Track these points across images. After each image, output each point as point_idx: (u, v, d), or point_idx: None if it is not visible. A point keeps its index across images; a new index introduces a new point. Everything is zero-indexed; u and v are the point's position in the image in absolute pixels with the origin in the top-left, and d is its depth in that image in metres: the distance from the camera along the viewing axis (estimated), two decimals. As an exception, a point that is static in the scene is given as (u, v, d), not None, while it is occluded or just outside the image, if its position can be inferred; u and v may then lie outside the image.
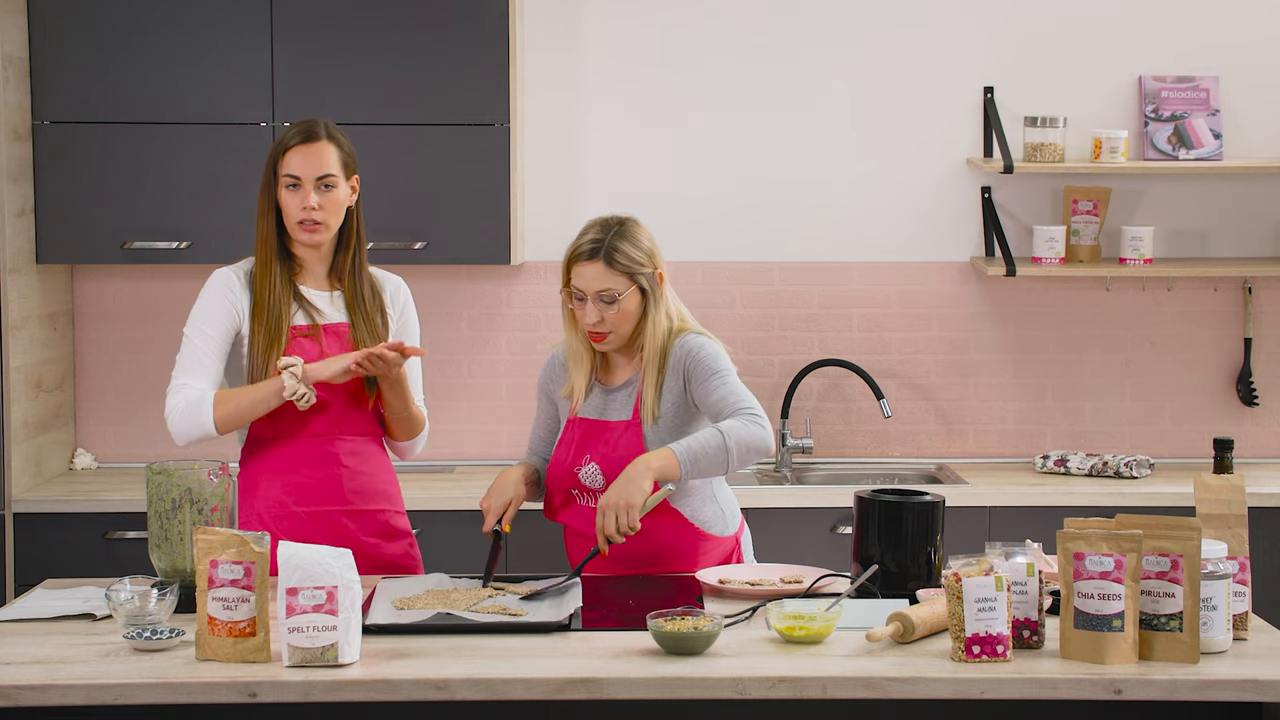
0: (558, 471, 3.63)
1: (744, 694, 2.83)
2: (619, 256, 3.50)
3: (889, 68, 5.15)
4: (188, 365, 3.56)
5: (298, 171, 3.56)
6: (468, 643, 3.04)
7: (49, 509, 4.66)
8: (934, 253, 5.19)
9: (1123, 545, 2.90)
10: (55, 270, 4.98)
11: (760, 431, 3.45)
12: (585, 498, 3.61)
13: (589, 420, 3.60)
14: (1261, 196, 5.17)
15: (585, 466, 3.58)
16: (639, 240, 3.54)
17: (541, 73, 5.12)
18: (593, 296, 3.50)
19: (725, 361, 3.56)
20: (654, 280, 3.55)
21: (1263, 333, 5.19)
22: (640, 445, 3.53)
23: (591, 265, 3.50)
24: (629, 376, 3.62)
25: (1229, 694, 2.85)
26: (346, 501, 3.63)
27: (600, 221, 3.57)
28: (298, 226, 3.58)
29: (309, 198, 3.56)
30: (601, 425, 3.59)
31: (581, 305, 3.53)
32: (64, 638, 3.11)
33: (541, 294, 5.18)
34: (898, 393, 5.19)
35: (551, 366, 3.72)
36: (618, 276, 3.50)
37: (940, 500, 3.40)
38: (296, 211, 3.57)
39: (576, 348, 3.61)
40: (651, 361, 3.55)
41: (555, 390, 3.70)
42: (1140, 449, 5.20)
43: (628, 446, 3.54)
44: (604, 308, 3.50)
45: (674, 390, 3.56)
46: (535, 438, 3.78)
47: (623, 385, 3.62)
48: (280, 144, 3.59)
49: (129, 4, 4.77)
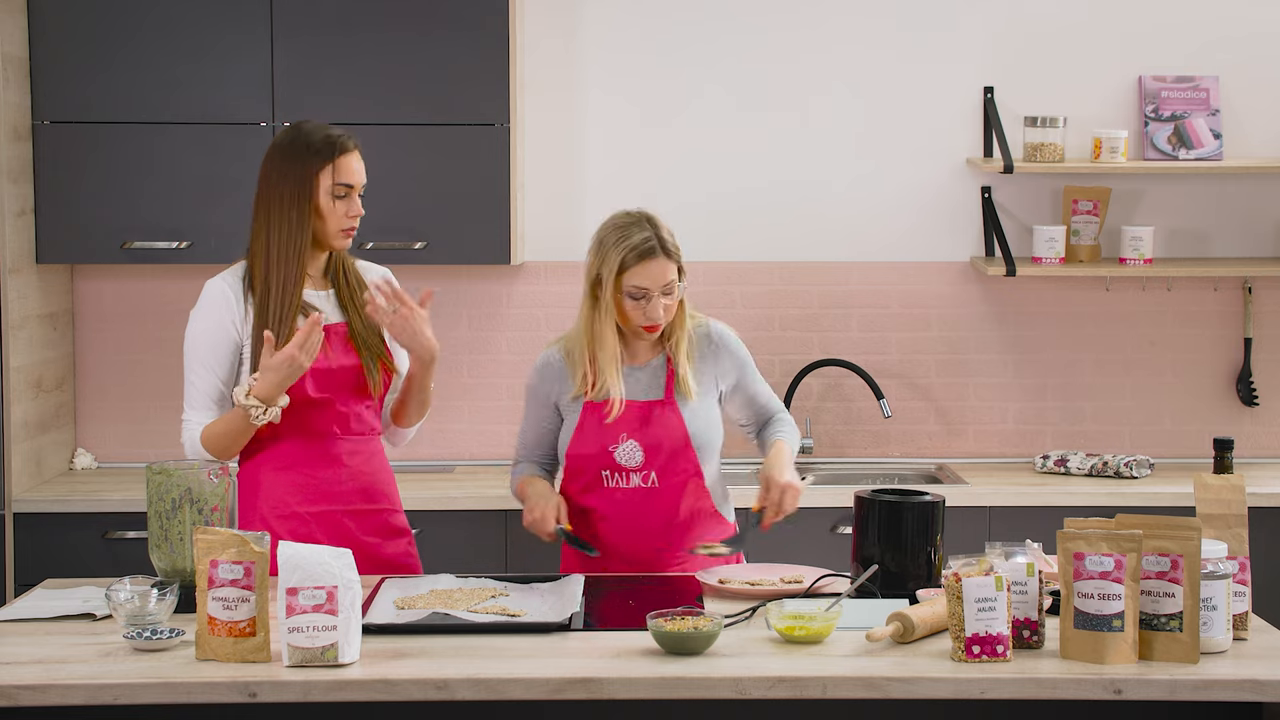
0: (586, 453, 3.65)
1: (744, 694, 2.84)
2: (671, 248, 3.61)
3: (889, 68, 5.15)
4: (191, 399, 3.58)
5: (353, 180, 3.57)
6: (468, 643, 3.04)
7: (49, 509, 4.66)
8: (934, 253, 5.19)
9: (1123, 545, 2.90)
10: (55, 270, 4.98)
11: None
12: (617, 478, 3.64)
13: (621, 400, 3.64)
14: (1261, 196, 5.17)
15: (623, 444, 3.62)
16: (668, 226, 3.65)
17: (541, 73, 5.12)
18: (660, 291, 3.58)
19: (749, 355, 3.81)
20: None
21: (1263, 333, 5.19)
22: (680, 422, 3.62)
23: (655, 262, 3.58)
24: (652, 358, 3.69)
25: (1229, 694, 2.85)
26: (348, 500, 3.63)
27: (632, 219, 3.64)
28: (342, 234, 3.58)
29: (357, 204, 3.58)
30: (635, 405, 3.64)
31: (641, 303, 3.59)
32: (64, 638, 3.11)
33: (541, 294, 5.18)
34: (898, 393, 5.19)
35: (550, 370, 3.73)
36: (674, 266, 3.61)
37: (940, 500, 3.40)
38: (344, 219, 3.57)
39: (610, 349, 3.64)
40: (683, 343, 3.66)
41: (563, 395, 3.71)
42: (1140, 449, 5.20)
43: (668, 424, 3.62)
44: (665, 300, 3.59)
45: (706, 372, 3.69)
46: (529, 442, 3.80)
47: (645, 366, 3.68)
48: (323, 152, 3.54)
49: (129, 4, 4.77)
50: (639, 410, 3.64)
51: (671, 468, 3.64)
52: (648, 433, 3.62)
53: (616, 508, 3.64)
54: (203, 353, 3.56)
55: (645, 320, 3.60)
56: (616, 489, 3.65)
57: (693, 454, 3.64)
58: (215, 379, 3.56)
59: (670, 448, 3.63)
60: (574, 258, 5.18)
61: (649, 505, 3.63)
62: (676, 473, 3.64)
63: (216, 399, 3.57)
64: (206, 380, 3.56)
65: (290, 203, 3.54)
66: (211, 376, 3.56)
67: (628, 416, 3.63)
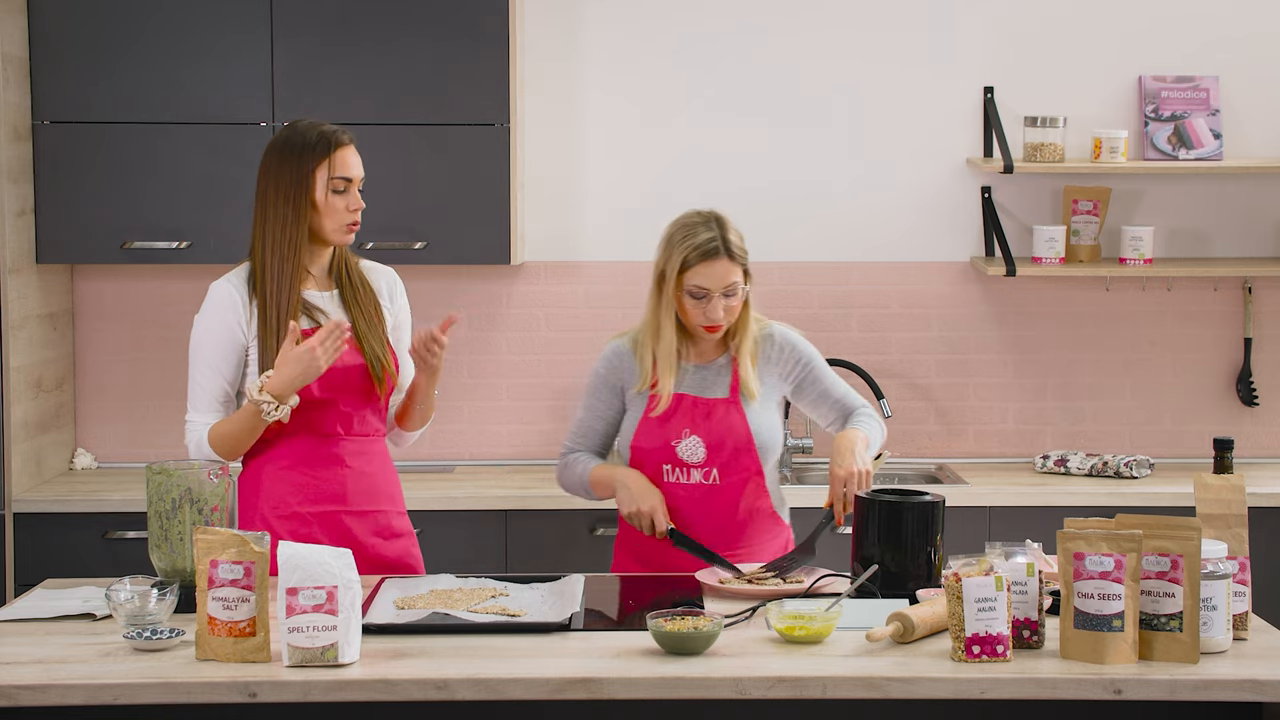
0: (649, 446, 3.67)
1: (744, 694, 2.84)
2: (735, 249, 3.63)
3: (889, 68, 5.15)
4: (195, 400, 3.57)
5: (350, 174, 3.57)
6: (468, 643, 3.04)
7: (49, 509, 4.66)
8: (934, 253, 5.19)
9: (1123, 545, 2.90)
10: (55, 270, 4.98)
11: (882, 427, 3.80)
12: (678, 473, 3.66)
13: (685, 396, 3.67)
14: (1261, 196, 5.18)
15: (686, 440, 3.65)
16: (735, 228, 3.68)
17: (541, 73, 5.12)
18: (720, 292, 3.60)
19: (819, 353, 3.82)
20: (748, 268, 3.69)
21: (1263, 333, 5.19)
22: (744, 422, 3.65)
23: (717, 263, 3.61)
24: (717, 356, 3.72)
25: (1229, 694, 2.85)
26: (349, 501, 3.63)
27: (699, 219, 3.66)
28: (346, 228, 3.58)
29: (357, 198, 3.58)
30: (700, 401, 3.67)
31: (702, 302, 3.61)
32: (64, 638, 3.11)
33: (541, 294, 5.18)
34: (898, 393, 5.19)
35: (619, 359, 3.75)
36: (737, 268, 3.63)
37: (940, 500, 3.41)
38: (345, 214, 3.56)
39: (671, 343, 3.67)
40: (746, 343, 3.69)
41: (629, 384, 3.73)
42: (1140, 449, 5.20)
43: (731, 423, 3.65)
44: (726, 301, 3.62)
45: (768, 375, 3.72)
46: (589, 431, 3.78)
47: (710, 364, 3.71)
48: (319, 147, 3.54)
49: (129, 4, 4.77)
50: (703, 407, 3.67)
51: (733, 465, 3.67)
52: (711, 430, 3.65)
53: (676, 503, 3.65)
54: (208, 354, 3.55)
55: (705, 320, 3.63)
56: (677, 484, 3.67)
57: (755, 453, 3.67)
58: (221, 380, 3.55)
59: (733, 446, 3.66)
60: (574, 258, 5.20)
61: (709, 502, 3.65)
62: (738, 470, 3.67)
63: (222, 400, 3.56)
64: (211, 381, 3.55)
65: (286, 199, 3.54)
66: (216, 378, 3.55)
67: (692, 413, 3.66)
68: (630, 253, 5.16)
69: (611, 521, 4.64)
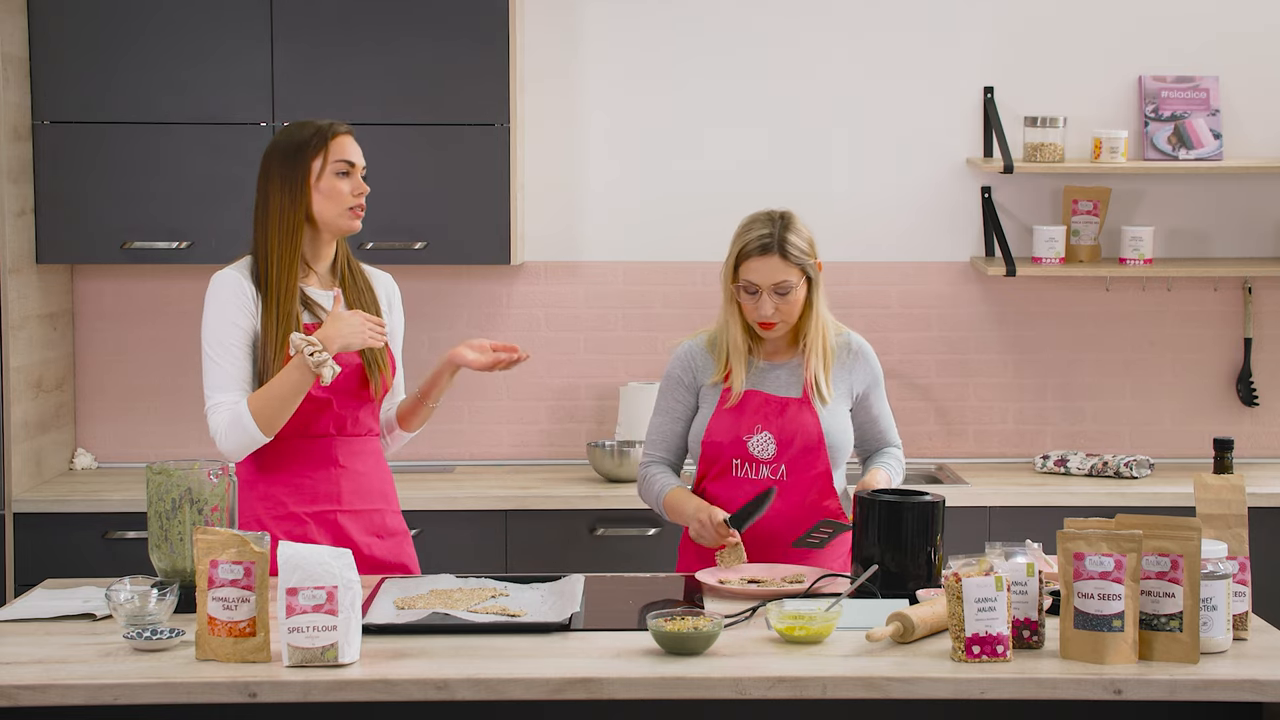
0: (721, 440, 3.69)
1: (744, 694, 2.84)
2: (791, 249, 3.65)
3: (890, 68, 5.16)
4: (218, 382, 3.51)
5: (353, 157, 3.58)
6: (468, 643, 3.04)
7: (49, 509, 4.66)
8: (934, 253, 5.19)
9: (1123, 545, 2.90)
10: (55, 270, 4.98)
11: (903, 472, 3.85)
12: (747, 468, 3.68)
13: (759, 393, 3.70)
14: (1261, 196, 5.17)
15: (757, 435, 3.67)
16: (803, 232, 3.70)
17: (541, 73, 5.12)
18: (769, 289, 3.63)
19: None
20: (815, 270, 3.70)
21: (1263, 333, 5.19)
22: (816, 421, 3.67)
23: (767, 260, 3.64)
24: (789, 359, 3.74)
25: (1229, 694, 2.85)
26: (343, 501, 3.63)
27: (764, 216, 3.71)
28: (348, 212, 3.57)
29: (361, 183, 3.59)
30: (773, 399, 3.70)
31: (754, 298, 3.65)
32: (64, 638, 3.11)
33: (541, 294, 5.18)
34: (898, 393, 5.19)
35: (693, 357, 3.78)
36: (791, 268, 3.65)
37: (940, 500, 3.40)
38: (348, 197, 3.56)
39: (740, 344, 3.71)
40: (817, 347, 3.71)
41: (705, 379, 3.75)
42: (1140, 449, 5.20)
43: (803, 422, 3.67)
44: (778, 299, 3.65)
45: (842, 380, 3.75)
46: (668, 433, 3.79)
47: (783, 364, 3.74)
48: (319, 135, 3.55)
49: (129, 4, 4.77)
50: (775, 405, 3.69)
51: (802, 463, 3.68)
52: (783, 427, 3.67)
53: (745, 498, 3.65)
54: (223, 335, 3.51)
55: (756, 316, 3.66)
56: (745, 479, 3.68)
57: (824, 452, 3.69)
58: (241, 361, 3.51)
59: (803, 444, 3.68)
60: (574, 258, 5.19)
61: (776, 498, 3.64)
62: (806, 469, 3.69)
63: (246, 380, 3.51)
64: (230, 361, 3.50)
65: (285, 187, 3.55)
66: (237, 358, 3.50)
67: (764, 410, 3.69)
68: (630, 253, 5.17)
69: (612, 522, 4.65)
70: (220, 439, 3.50)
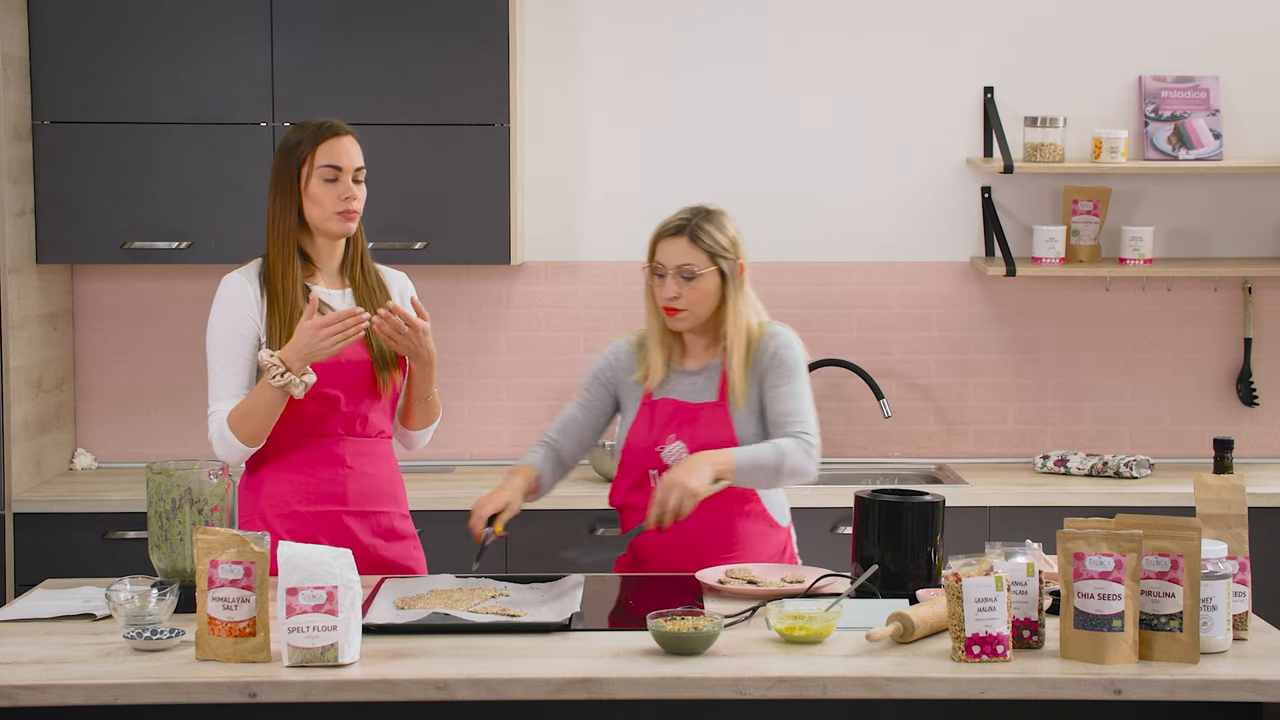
0: (636, 451, 3.67)
1: (744, 694, 2.84)
2: (702, 235, 3.64)
3: (890, 68, 5.16)
4: (215, 390, 3.55)
5: (340, 162, 3.56)
6: (468, 643, 3.04)
7: (49, 509, 4.66)
8: (934, 253, 5.19)
9: (1123, 545, 2.90)
10: (55, 270, 4.98)
11: (809, 462, 3.60)
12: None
13: (672, 401, 3.66)
14: (1261, 196, 5.17)
15: (670, 445, 3.64)
16: (724, 226, 3.68)
17: (541, 72, 5.12)
18: (673, 271, 3.63)
19: (804, 368, 3.69)
20: (735, 269, 3.66)
21: (1263, 333, 5.19)
22: (729, 426, 3.62)
23: (676, 241, 3.65)
24: (707, 361, 3.70)
25: (1229, 694, 2.85)
26: (349, 502, 3.62)
27: (692, 206, 3.72)
28: (336, 216, 3.57)
29: (349, 188, 3.57)
30: (686, 406, 3.66)
31: (661, 280, 3.65)
32: (64, 638, 3.11)
33: (541, 294, 5.18)
34: (898, 393, 5.19)
35: (618, 355, 3.77)
36: (699, 253, 3.63)
37: (940, 500, 3.40)
38: (335, 202, 3.56)
39: (657, 332, 3.70)
40: (737, 348, 3.66)
41: (626, 377, 3.73)
42: (1140, 449, 5.20)
43: (716, 428, 3.63)
44: (683, 283, 3.63)
45: (754, 376, 3.67)
46: (568, 417, 3.77)
47: (700, 370, 3.69)
48: (307, 139, 3.56)
49: (129, 4, 4.77)
50: (689, 412, 3.65)
51: None
52: (694, 434, 3.63)
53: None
54: (226, 343, 3.54)
55: (660, 299, 3.65)
56: None
57: None
58: (242, 368, 3.53)
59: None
60: (574, 258, 5.19)
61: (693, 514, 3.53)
62: None
63: (245, 388, 3.53)
64: (232, 370, 3.53)
65: (279, 189, 3.58)
66: (237, 366, 3.53)
67: (677, 417, 3.65)
68: (630, 253, 5.16)
69: (612, 522, 4.65)
70: (214, 447, 3.55)
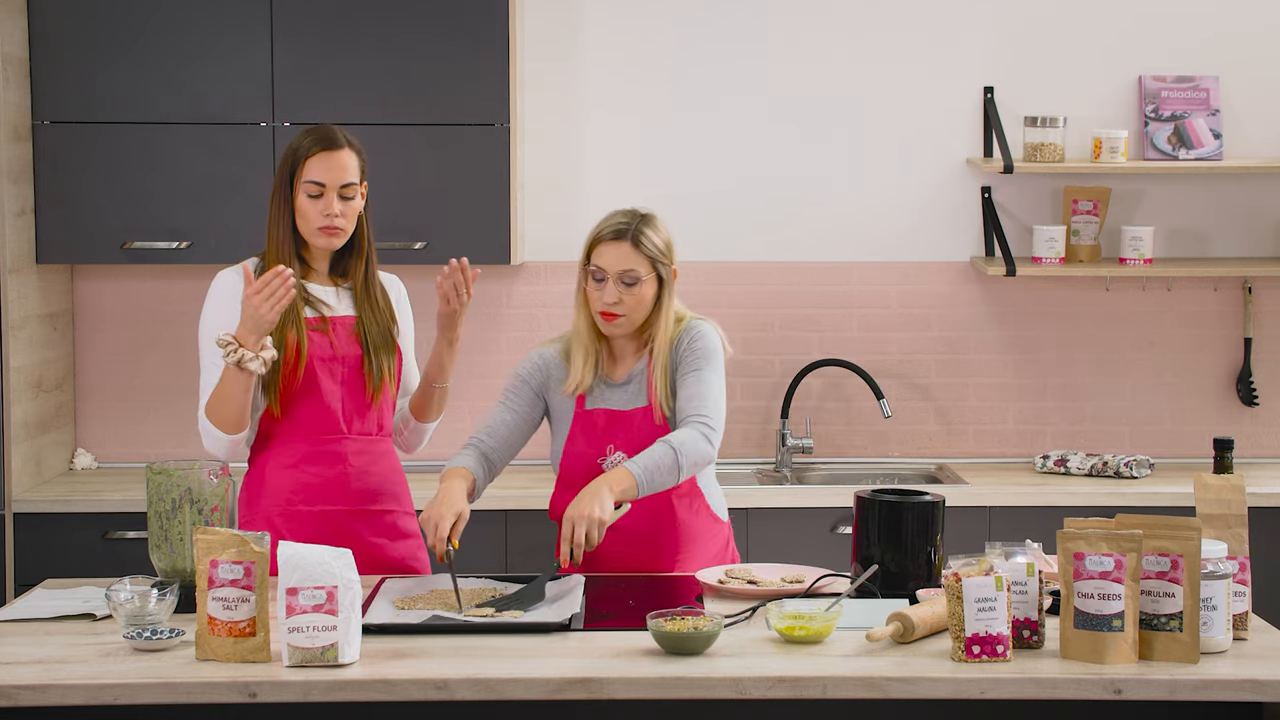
0: (577, 465, 3.62)
1: (744, 694, 2.84)
2: (645, 240, 3.57)
3: (889, 67, 5.16)
4: (206, 387, 3.55)
5: (322, 179, 3.54)
6: (468, 643, 3.04)
7: (49, 509, 4.66)
8: (934, 253, 5.19)
9: (1123, 545, 2.90)
10: (55, 270, 4.98)
11: (706, 447, 3.48)
12: None
13: (606, 410, 3.62)
14: (1261, 196, 5.18)
15: (610, 456, 3.60)
16: (661, 231, 3.62)
17: (541, 73, 5.12)
18: (615, 276, 3.56)
19: (716, 359, 3.60)
20: (669, 275, 3.61)
21: (1263, 333, 5.19)
22: (663, 428, 3.56)
23: (618, 245, 3.57)
24: (632, 370, 3.64)
25: (1229, 694, 2.85)
26: (353, 501, 3.62)
27: (626, 210, 3.64)
28: (319, 231, 3.56)
29: (332, 205, 3.55)
30: (619, 415, 3.61)
31: (600, 285, 3.58)
32: (64, 638, 3.11)
33: (541, 294, 5.18)
34: (898, 393, 5.19)
35: (546, 362, 3.70)
36: (641, 259, 3.56)
37: (940, 500, 3.40)
38: (318, 218, 3.55)
39: (585, 338, 3.63)
40: (662, 353, 3.60)
41: (556, 386, 3.68)
42: (1140, 449, 5.20)
43: (649, 432, 3.57)
44: (624, 289, 3.56)
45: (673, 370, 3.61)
46: (497, 420, 3.67)
47: (627, 380, 3.64)
48: (300, 150, 3.55)
49: (129, 4, 4.77)
50: (623, 420, 3.60)
51: None
52: (632, 441, 3.58)
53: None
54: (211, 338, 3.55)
55: (599, 304, 3.57)
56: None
57: None
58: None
59: None
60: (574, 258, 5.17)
61: (641, 511, 3.56)
62: None
63: None
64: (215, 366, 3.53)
65: (276, 197, 3.59)
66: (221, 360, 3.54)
67: (613, 427, 3.60)
68: (630, 253, 5.16)
69: (611, 521, 4.65)
70: (203, 442, 3.55)
